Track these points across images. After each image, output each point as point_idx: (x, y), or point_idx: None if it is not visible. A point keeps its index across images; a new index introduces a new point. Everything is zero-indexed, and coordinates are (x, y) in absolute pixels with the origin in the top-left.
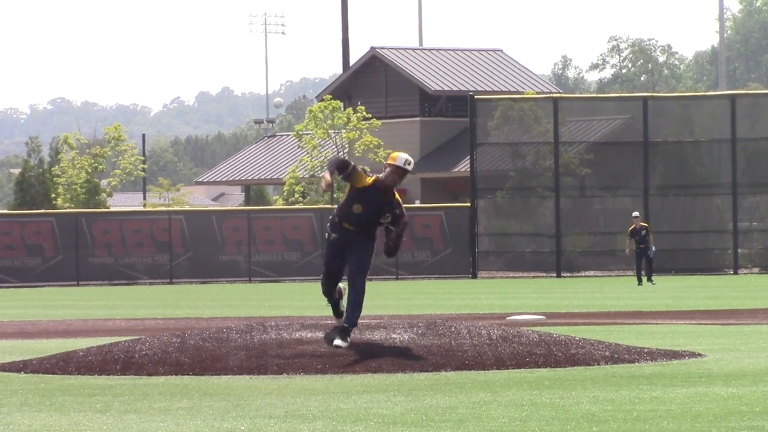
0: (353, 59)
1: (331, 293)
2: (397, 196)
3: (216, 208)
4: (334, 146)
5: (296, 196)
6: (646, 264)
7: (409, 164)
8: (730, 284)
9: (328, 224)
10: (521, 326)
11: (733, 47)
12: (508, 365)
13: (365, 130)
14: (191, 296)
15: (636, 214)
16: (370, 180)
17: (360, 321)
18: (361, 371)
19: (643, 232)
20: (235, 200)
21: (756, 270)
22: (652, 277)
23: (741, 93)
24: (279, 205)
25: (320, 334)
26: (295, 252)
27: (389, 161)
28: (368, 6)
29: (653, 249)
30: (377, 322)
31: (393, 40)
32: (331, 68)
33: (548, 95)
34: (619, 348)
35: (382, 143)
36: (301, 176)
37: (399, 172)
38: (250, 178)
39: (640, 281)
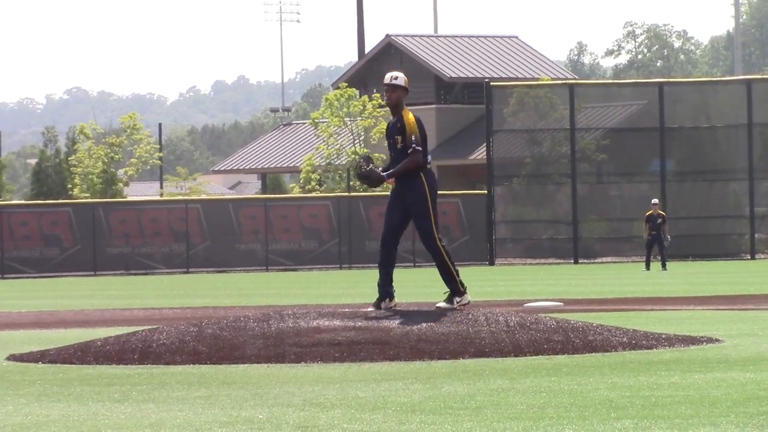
0: (368, 47)
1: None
2: (407, 117)
3: (233, 196)
4: (350, 134)
5: (313, 184)
6: (659, 251)
7: (395, 78)
8: (748, 269)
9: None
10: (539, 313)
11: (749, 32)
12: (525, 352)
13: (381, 118)
14: (208, 285)
15: (655, 201)
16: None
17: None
18: (379, 359)
19: (659, 220)
20: (251, 189)
21: None
22: (666, 263)
23: (757, 78)
24: (295, 193)
25: (337, 323)
26: (312, 240)
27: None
28: None
29: (669, 239)
30: (394, 309)
31: (408, 28)
32: (346, 56)
33: (564, 81)
34: (637, 334)
35: None
36: (318, 164)
37: (387, 89)
38: (266, 166)
39: (648, 266)
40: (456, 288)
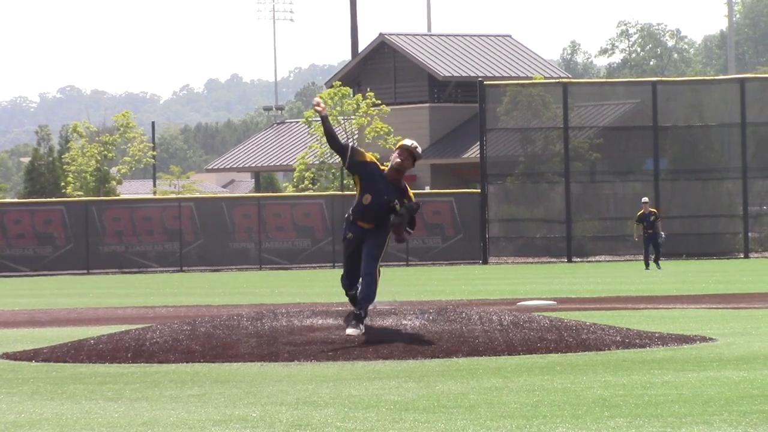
0: (362, 45)
1: (350, 288)
2: (405, 184)
3: (226, 195)
4: (343, 132)
5: (306, 182)
6: (654, 249)
7: (415, 147)
8: (741, 268)
9: (345, 223)
10: (532, 312)
11: (742, 31)
12: (519, 351)
13: (375, 117)
14: (202, 284)
15: (645, 199)
16: (370, 156)
17: (371, 308)
18: (373, 358)
19: (652, 217)
20: (245, 187)
21: (766, 254)
22: (660, 262)
23: (750, 77)
24: (289, 191)
25: (331, 321)
26: (305, 239)
27: (397, 147)
28: None
29: (663, 235)
30: (388, 308)
31: (402, 26)
32: (339, 55)
33: (557, 80)
34: (630, 333)
35: (392, 129)
36: (311, 162)
37: (405, 154)
38: (259, 164)
39: (647, 265)
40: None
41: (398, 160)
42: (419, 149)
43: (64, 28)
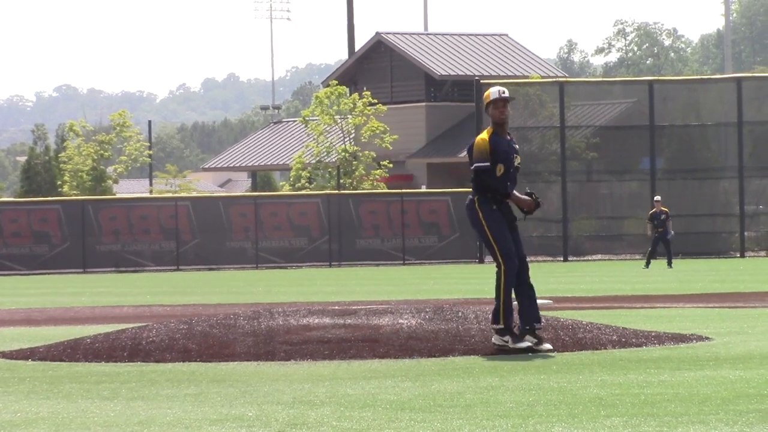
0: (359, 45)
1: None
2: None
3: (223, 194)
4: (340, 131)
5: (303, 181)
6: (665, 249)
7: (504, 92)
8: (737, 267)
9: (480, 199)
10: None
11: (739, 30)
12: (515, 350)
13: (371, 116)
14: (198, 283)
15: (657, 198)
16: (486, 136)
17: (366, 307)
18: (369, 357)
19: (663, 216)
20: (241, 186)
21: (763, 253)
22: (672, 262)
23: (747, 76)
24: (286, 190)
25: (327, 320)
26: (302, 238)
27: (485, 102)
28: None
29: (672, 233)
30: (384, 307)
31: (398, 26)
32: (336, 54)
33: (554, 79)
34: (627, 332)
35: (388, 129)
36: (308, 162)
37: (500, 103)
38: (256, 164)
39: (648, 264)
40: (504, 328)
41: (502, 114)
42: (507, 92)
43: (61, 26)
